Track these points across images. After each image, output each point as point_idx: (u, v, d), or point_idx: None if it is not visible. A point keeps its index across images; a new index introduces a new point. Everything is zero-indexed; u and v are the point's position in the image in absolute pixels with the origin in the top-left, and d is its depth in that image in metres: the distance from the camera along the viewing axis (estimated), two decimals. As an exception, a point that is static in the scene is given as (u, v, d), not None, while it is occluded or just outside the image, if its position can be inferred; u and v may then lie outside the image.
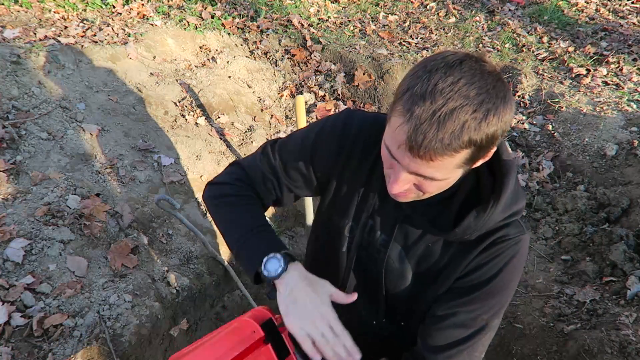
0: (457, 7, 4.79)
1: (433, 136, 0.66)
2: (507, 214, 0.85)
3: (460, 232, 0.85)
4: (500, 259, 0.86)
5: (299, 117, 2.53)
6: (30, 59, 2.49)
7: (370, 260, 1.00)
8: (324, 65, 3.68)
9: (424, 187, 0.78)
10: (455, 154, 0.69)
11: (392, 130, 0.73)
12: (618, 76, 3.78)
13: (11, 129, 2.09)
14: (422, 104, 0.67)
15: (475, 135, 0.67)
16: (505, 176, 0.83)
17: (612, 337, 1.86)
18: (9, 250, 1.66)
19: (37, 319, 1.54)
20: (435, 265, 0.93)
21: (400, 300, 1.00)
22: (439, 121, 0.66)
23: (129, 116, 2.61)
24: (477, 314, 0.89)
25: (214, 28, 3.60)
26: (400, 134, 0.70)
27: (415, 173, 0.74)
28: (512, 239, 0.86)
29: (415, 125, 0.67)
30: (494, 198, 0.82)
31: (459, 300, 0.90)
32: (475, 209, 0.83)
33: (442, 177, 0.74)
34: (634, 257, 2.27)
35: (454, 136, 0.66)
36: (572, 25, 4.56)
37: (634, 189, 2.67)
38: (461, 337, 0.90)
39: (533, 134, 3.34)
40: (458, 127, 0.66)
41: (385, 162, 0.81)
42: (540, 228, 2.73)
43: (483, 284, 0.88)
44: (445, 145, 0.67)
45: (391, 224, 0.95)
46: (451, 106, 0.66)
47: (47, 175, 2.01)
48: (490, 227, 0.85)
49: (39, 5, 3.01)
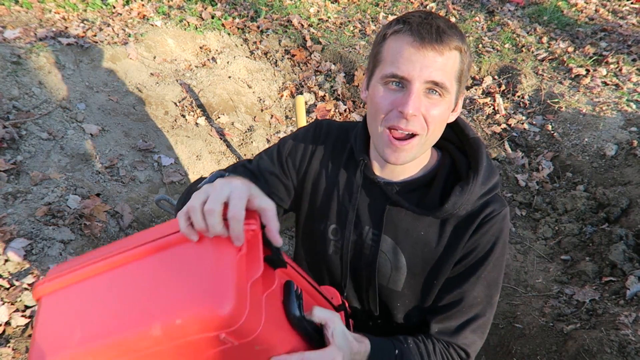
0: (456, 7, 4.79)
1: (436, 26, 0.78)
2: (487, 187, 0.91)
3: (449, 207, 0.88)
4: (491, 234, 0.91)
5: (299, 117, 2.53)
6: (30, 59, 2.49)
7: (361, 258, 1.00)
8: (324, 65, 3.69)
9: (431, 115, 0.82)
10: (453, 51, 0.80)
11: (393, 50, 0.81)
12: (617, 76, 3.78)
13: (11, 129, 2.09)
14: (412, 16, 0.81)
15: (459, 38, 0.81)
16: (477, 151, 0.91)
17: (612, 336, 1.86)
18: (9, 250, 1.67)
19: (38, 318, 1.54)
20: (430, 252, 0.94)
21: (395, 296, 1.00)
22: (433, 19, 0.80)
23: (129, 116, 2.61)
24: (482, 291, 0.92)
25: (214, 28, 3.60)
26: (405, 42, 0.79)
27: (427, 80, 0.79)
28: (499, 213, 0.91)
29: (418, 24, 0.79)
30: (472, 172, 0.89)
31: (463, 284, 0.92)
32: (459, 183, 0.89)
33: (447, 82, 0.81)
34: (634, 257, 2.27)
35: (450, 28, 0.80)
36: (572, 26, 4.56)
37: (633, 189, 2.67)
38: (472, 316, 0.93)
39: (533, 134, 3.34)
40: (445, 24, 0.80)
41: (385, 105, 0.84)
42: (540, 228, 2.73)
43: (481, 262, 0.92)
44: (447, 33, 0.78)
45: (379, 215, 0.96)
46: (432, 15, 0.81)
47: (47, 175, 2.01)
48: (475, 202, 0.90)
49: (39, 6, 3.01)
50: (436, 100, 0.82)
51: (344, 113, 3.40)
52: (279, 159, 1.05)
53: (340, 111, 3.39)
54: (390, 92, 0.82)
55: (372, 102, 0.87)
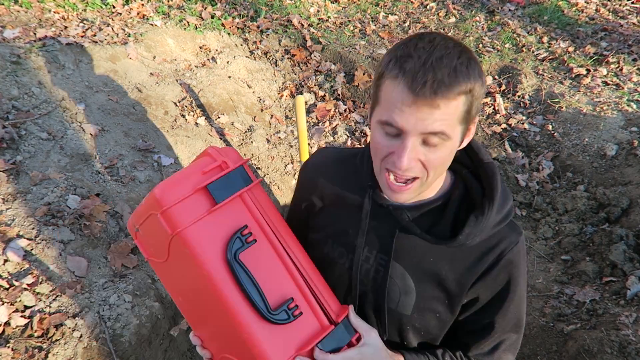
0: (457, 7, 4.79)
1: (433, 79, 0.69)
2: (502, 215, 0.88)
3: (463, 239, 0.85)
4: (511, 267, 0.90)
5: (299, 117, 2.53)
6: (30, 59, 2.49)
7: (369, 283, 0.98)
8: (324, 65, 3.68)
9: (430, 160, 0.78)
10: (456, 98, 0.72)
11: (387, 99, 0.75)
12: (618, 76, 3.78)
13: (11, 129, 2.09)
14: (410, 60, 0.71)
15: (466, 80, 0.71)
16: (492, 178, 0.87)
17: (612, 337, 1.86)
18: (9, 250, 1.66)
19: (37, 319, 1.54)
20: (441, 279, 0.92)
21: (404, 320, 0.98)
22: (432, 67, 0.70)
23: (129, 116, 2.61)
24: (512, 318, 0.94)
25: (214, 28, 3.60)
26: (399, 92, 0.72)
27: (423, 132, 0.74)
28: (516, 245, 0.89)
29: (413, 76, 0.70)
30: (487, 200, 0.85)
31: (492, 316, 0.94)
32: (473, 213, 0.85)
33: (447, 130, 0.74)
34: (634, 257, 2.27)
35: (451, 77, 0.70)
36: (572, 26, 4.56)
37: (633, 189, 2.67)
38: (504, 338, 0.95)
39: (533, 134, 3.34)
40: (451, 69, 0.70)
41: (381, 151, 0.81)
42: (540, 228, 2.73)
43: (506, 294, 0.91)
44: (447, 85, 0.70)
45: (388, 241, 0.94)
46: (437, 55, 0.70)
47: (47, 175, 2.01)
48: (490, 231, 0.87)
49: (39, 6, 3.01)
50: (435, 147, 0.77)
51: (344, 113, 3.40)
52: (296, 203, 1.13)
53: (340, 111, 3.38)
54: (388, 138, 0.78)
55: (372, 140, 0.84)
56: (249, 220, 0.84)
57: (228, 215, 0.82)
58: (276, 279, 0.83)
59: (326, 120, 3.32)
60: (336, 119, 3.32)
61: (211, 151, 0.86)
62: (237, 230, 0.81)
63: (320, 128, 3.24)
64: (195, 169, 0.83)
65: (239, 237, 0.80)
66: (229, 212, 0.82)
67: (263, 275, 0.81)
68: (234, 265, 0.78)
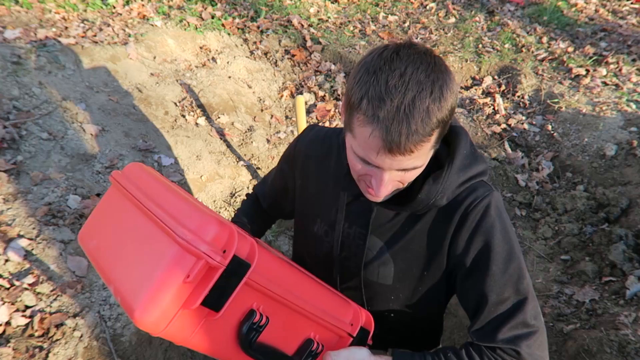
0: (456, 8, 4.79)
1: (407, 131, 0.70)
2: (467, 176, 0.87)
3: (423, 198, 0.86)
4: (483, 225, 0.87)
5: (299, 117, 2.53)
6: (30, 59, 2.49)
7: (350, 257, 1.03)
8: (324, 65, 3.69)
9: (406, 179, 0.82)
10: (430, 138, 0.73)
11: (362, 141, 0.75)
12: (617, 76, 3.78)
13: (12, 129, 2.09)
14: (384, 105, 0.70)
15: (440, 114, 0.72)
16: (456, 139, 0.88)
17: (612, 336, 1.86)
18: (9, 250, 1.67)
19: (38, 318, 1.55)
20: (415, 245, 0.95)
21: (387, 290, 1.02)
22: (406, 115, 0.69)
23: (129, 116, 2.61)
24: (504, 285, 0.86)
25: (214, 28, 3.60)
26: (374, 141, 0.73)
27: (398, 169, 0.77)
28: (483, 199, 0.87)
29: (387, 127, 0.70)
30: (448, 160, 0.86)
31: (479, 285, 0.87)
32: (432, 174, 0.86)
33: (422, 163, 0.79)
34: (633, 257, 2.27)
35: (425, 123, 0.70)
36: (572, 26, 4.57)
37: (633, 189, 2.67)
38: (504, 313, 0.86)
39: (533, 134, 3.34)
40: (424, 113, 0.70)
41: (358, 172, 0.84)
42: (540, 228, 2.73)
43: (486, 257, 0.87)
44: (420, 134, 0.71)
45: (366, 216, 0.97)
46: (410, 96, 0.69)
47: (47, 176, 2.01)
48: (456, 191, 0.87)
49: (39, 6, 3.01)
50: (410, 171, 0.80)
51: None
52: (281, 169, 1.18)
53: (340, 111, 3.39)
54: (363, 164, 0.80)
55: (347, 156, 0.85)
56: (256, 298, 0.74)
57: (230, 307, 0.69)
58: (293, 329, 0.84)
59: (326, 120, 3.32)
60: (336, 119, 3.32)
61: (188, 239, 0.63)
62: (246, 318, 0.73)
63: (320, 128, 3.24)
64: (172, 271, 0.63)
65: (250, 326, 0.73)
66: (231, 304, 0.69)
67: (281, 335, 0.81)
68: (255, 355, 0.76)
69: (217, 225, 0.66)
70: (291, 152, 1.13)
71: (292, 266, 0.88)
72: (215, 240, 0.64)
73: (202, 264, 0.62)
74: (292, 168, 1.13)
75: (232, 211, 2.46)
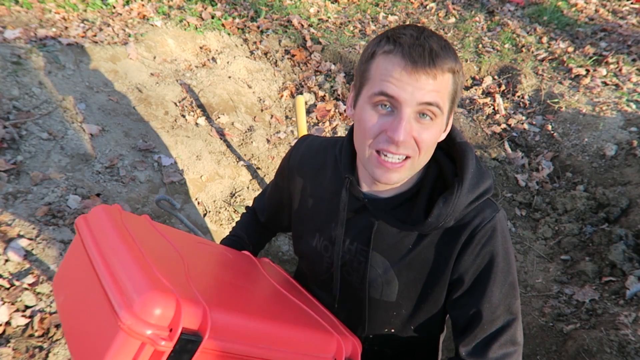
0: (456, 8, 4.79)
1: (430, 48, 0.74)
2: (475, 195, 0.87)
3: (433, 221, 0.85)
4: (488, 246, 0.87)
5: (299, 117, 2.53)
6: (30, 59, 2.50)
7: (352, 274, 1.00)
8: (324, 65, 3.69)
9: (422, 139, 0.80)
10: (447, 73, 0.77)
11: (381, 70, 0.77)
12: (617, 76, 3.78)
13: (12, 129, 2.09)
14: (403, 36, 0.76)
15: (453, 57, 0.77)
16: (463, 157, 0.87)
17: (612, 336, 1.86)
18: (9, 250, 1.67)
19: (38, 318, 1.55)
20: (420, 264, 0.93)
21: (390, 307, 1.00)
22: (426, 40, 0.75)
23: (129, 116, 2.61)
24: (498, 303, 0.89)
25: (214, 28, 3.60)
26: (396, 63, 0.75)
27: (419, 103, 0.76)
28: (490, 221, 0.87)
29: (410, 46, 0.74)
30: (457, 181, 0.85)
31: (476, 301, 0.89)
32: (443, 194, 0.85)
33: (441, 102, 0.78)
34: (633, 257, 2.27)
35: (444, 50, 0.76)
36: (572, 26, 4.57)
37: (633, 189, 2.67)
38: (495, 330, 0.89)
39: (532, 134, 3.34)
40: (441, 46, 0.76)
41: (374, 126, 0.80)
42: (540, 228, 2.73)
43: (487, 276, 0.88)
44: (441, 56, 0.75)
45: (367, 232, 0.95)
46: (427, 33, 0.77)
47: (47, 176, 2.01)
48: (464, 211, 0.86)
49: (39, 6, 3.01)
50: (428, 124, 0.79)
51: (343, 113, 3.40)
52: (276, 184, 1.18)
53: (340, 111, 3.39)
54: (380, 116, 0.79)
55: (359, 124, 0.84)
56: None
57: None
58: None
59: (326, 121, 3.32)
60: (336, 119, 3.32)
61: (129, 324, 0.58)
62: None
63: (320, 128, 3.24)
64: (117, 357, 0.60)
65: None
66: None
67: None
68: None
69: (162, 297, 0.61)
70: (285, 167, 1.11)
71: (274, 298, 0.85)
72: (160, 319, 0.60)
73: (147, 349, 0.59)
74: (285, 183, 1.11)
75: (232, 211, 2.46)
